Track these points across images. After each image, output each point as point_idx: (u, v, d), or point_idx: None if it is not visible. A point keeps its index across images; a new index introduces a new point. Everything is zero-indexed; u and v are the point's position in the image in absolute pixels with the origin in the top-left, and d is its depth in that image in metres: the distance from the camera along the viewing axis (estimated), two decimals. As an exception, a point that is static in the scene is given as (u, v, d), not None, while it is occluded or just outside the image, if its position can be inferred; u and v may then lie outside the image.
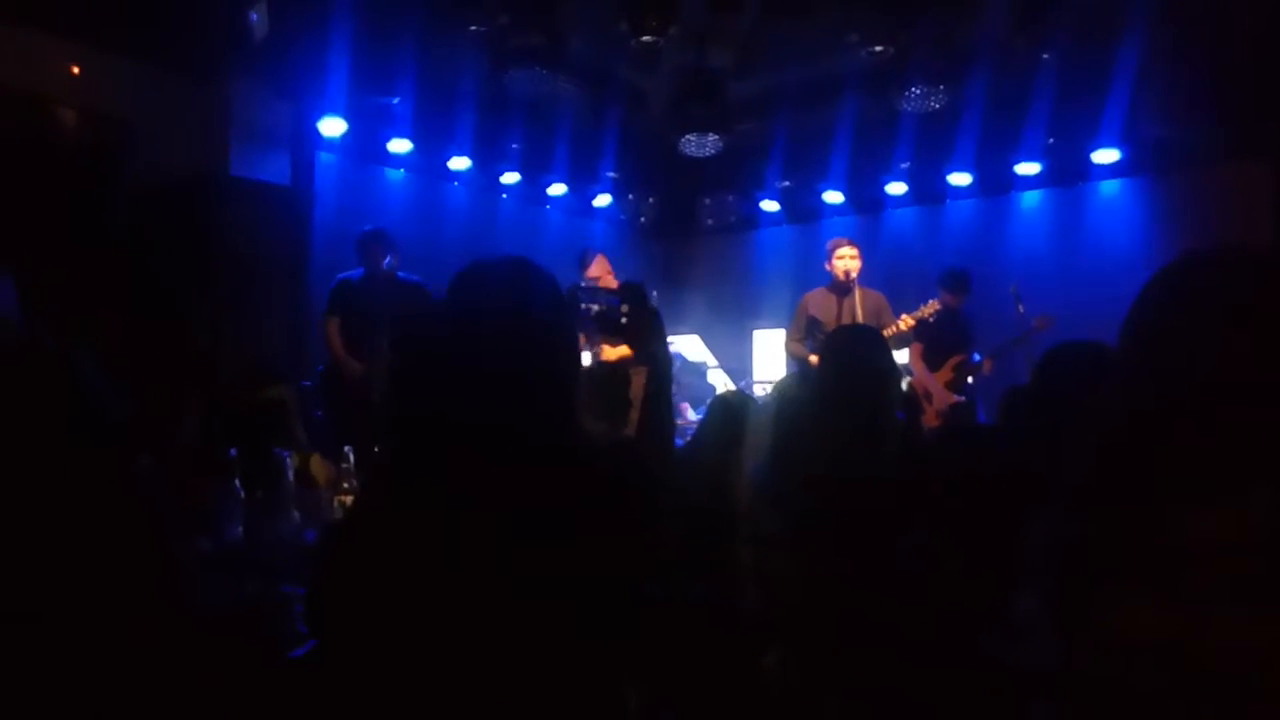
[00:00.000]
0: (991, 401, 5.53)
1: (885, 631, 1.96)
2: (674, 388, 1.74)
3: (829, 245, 5.58)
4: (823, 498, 2.08)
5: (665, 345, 1.59)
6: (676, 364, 6.75)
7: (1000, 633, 1.84)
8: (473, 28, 5.69)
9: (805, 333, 5.55)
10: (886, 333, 4.82)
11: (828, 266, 5.53)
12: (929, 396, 5.81)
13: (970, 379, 5.91)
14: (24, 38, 4.87)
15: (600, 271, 5.60)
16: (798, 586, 2.10)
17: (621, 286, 1.61)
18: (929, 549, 1.96)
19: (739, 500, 2.50)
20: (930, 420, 5.62)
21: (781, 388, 2.99)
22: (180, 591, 1.66)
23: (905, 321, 5.35)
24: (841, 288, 5.44)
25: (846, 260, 5.41)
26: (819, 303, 5.55)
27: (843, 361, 2.32)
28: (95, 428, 1.54)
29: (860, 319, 5.30)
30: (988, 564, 1.89)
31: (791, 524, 2.12)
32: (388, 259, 5.35)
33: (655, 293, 6.04)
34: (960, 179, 7.66)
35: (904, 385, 4.20)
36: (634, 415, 3.08)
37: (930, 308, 5.47)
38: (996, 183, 7.68)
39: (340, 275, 5.40)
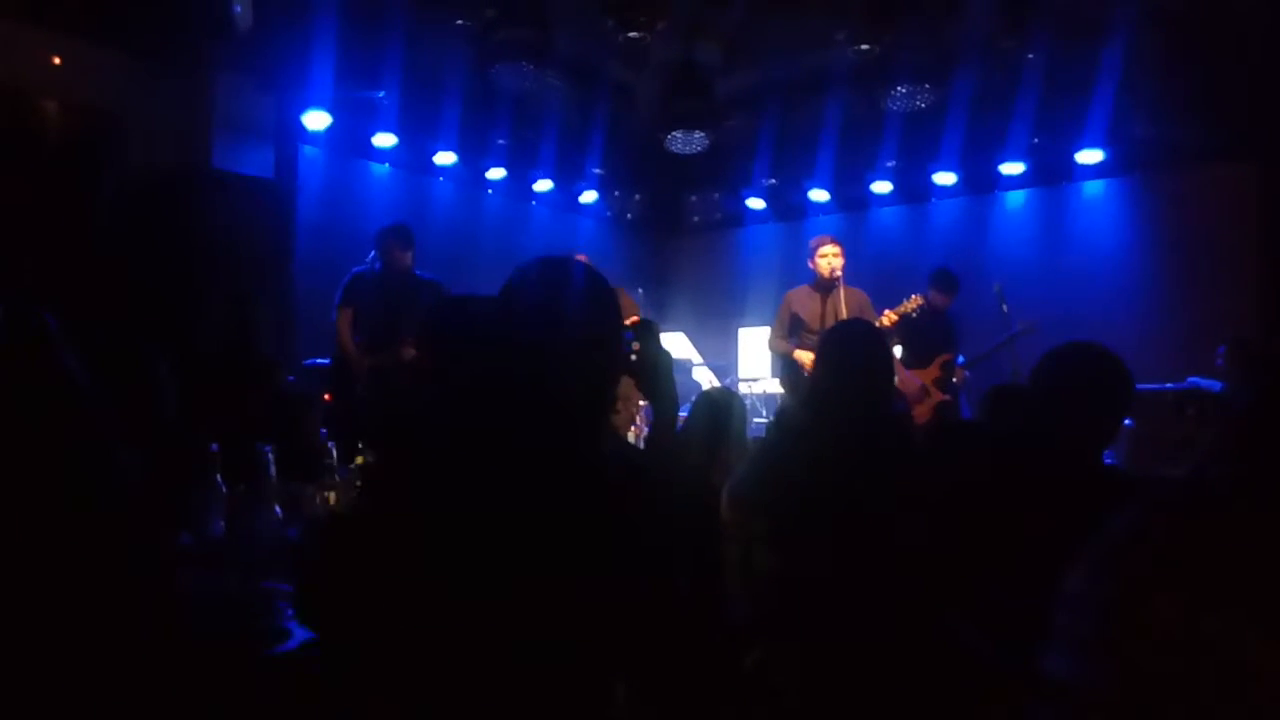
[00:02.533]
0: (976, 400, 5.56)
1: (872, 631, 1.96)
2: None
3: (812, 243, 5.59)
4: (815, 496, 2.07)
5: (673, 385, 1.59)
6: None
7: (989, 631, 1.85)
8: (459, 22, 5.67)
9: (788, 330, 5.56)
10: None
11: (810, 264, 5.53)
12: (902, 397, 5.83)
13: (955, 379, 5.94)
14: (4, 29, 4.81)
15: None
16: (785, 585, 2.10)
17: (636, 324, 1.60)
18: (919, 547, 1.97)
19: (723, 497, 2.50)
20: (920, 417, 5.65)
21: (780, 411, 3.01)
22: (160, 586, 1.65)
23: (888, 317, 5.36)
24: (825, 285, 5.44)
25: (830, 259, 5.41)
26: (802, 301, 5.55)
27: (839, 357, 2.32)
28: (77, 420, 1.52)
29: (844, 317, 5.31)
30: (977, 562, 1.90)
31: (781, 522, 2.12)
32: (385, 252, 5.31)
33: (641, 290, 6.04)
34: (945, 178, 7.70)
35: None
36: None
37: (912, 303, 5.48)
38: (981, 182, 7.73)
39: (355, 268, 5.35)
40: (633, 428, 5.89)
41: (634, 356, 1.57)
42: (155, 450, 2.22)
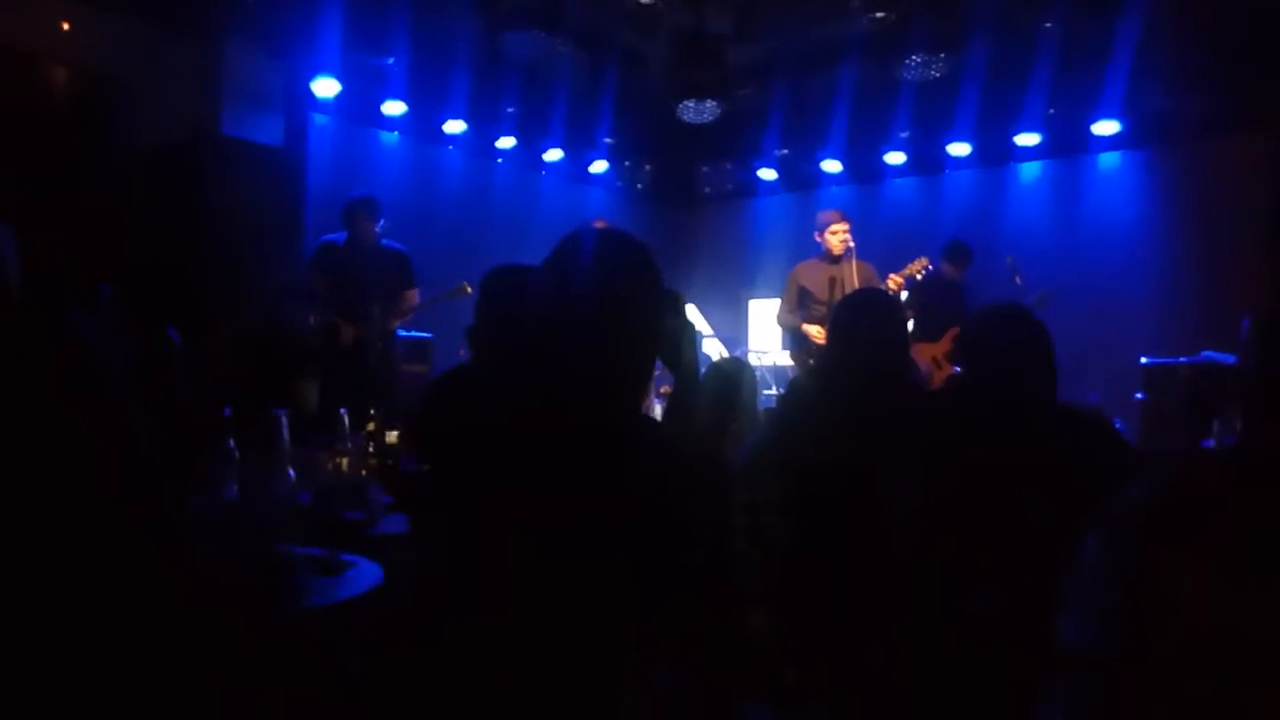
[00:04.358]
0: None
1: (884, 599, 1.97)
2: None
3: (820, 219, 5.56)
4: (826, 464, 2.08)
5: (695, 357, 1.60)
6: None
7: (993, 600, 1.85)
8: (470, -12, 5.62)
9: (796, 304, 5.55)
10: None
11: (818, 238, 5.52)
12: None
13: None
14: (13, -7, 4.79)
15: None
16: (796, 554, 2.11)
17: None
18: (928, 514, 1.97)
19: (735, 466, 2.50)
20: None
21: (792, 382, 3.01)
22: (175, 551, 1.66)
23: (894, 281, 5.34)
24: (833, 259, 5.44)
25: (841, 234, 5.40)
26: (810, 274, 5.54)
27: (852, 326, 2.31)
28: (93, 387, 1.52)
29: (852, 289, 5.29)
30: (984, 531, 1.90)
31: (792, 491, 2.12)
32: (381, 223, 5.32)
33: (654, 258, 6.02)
34: (959, 149, 7.62)
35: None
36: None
37: (918, 265, 5.45)
38: (996, 153, 7.65)
39: (323, 238, 5.38)
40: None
41: None
42: (169, 416, 2.23)
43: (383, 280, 5.26)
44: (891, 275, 5.36)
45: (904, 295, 5.43)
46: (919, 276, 5.45)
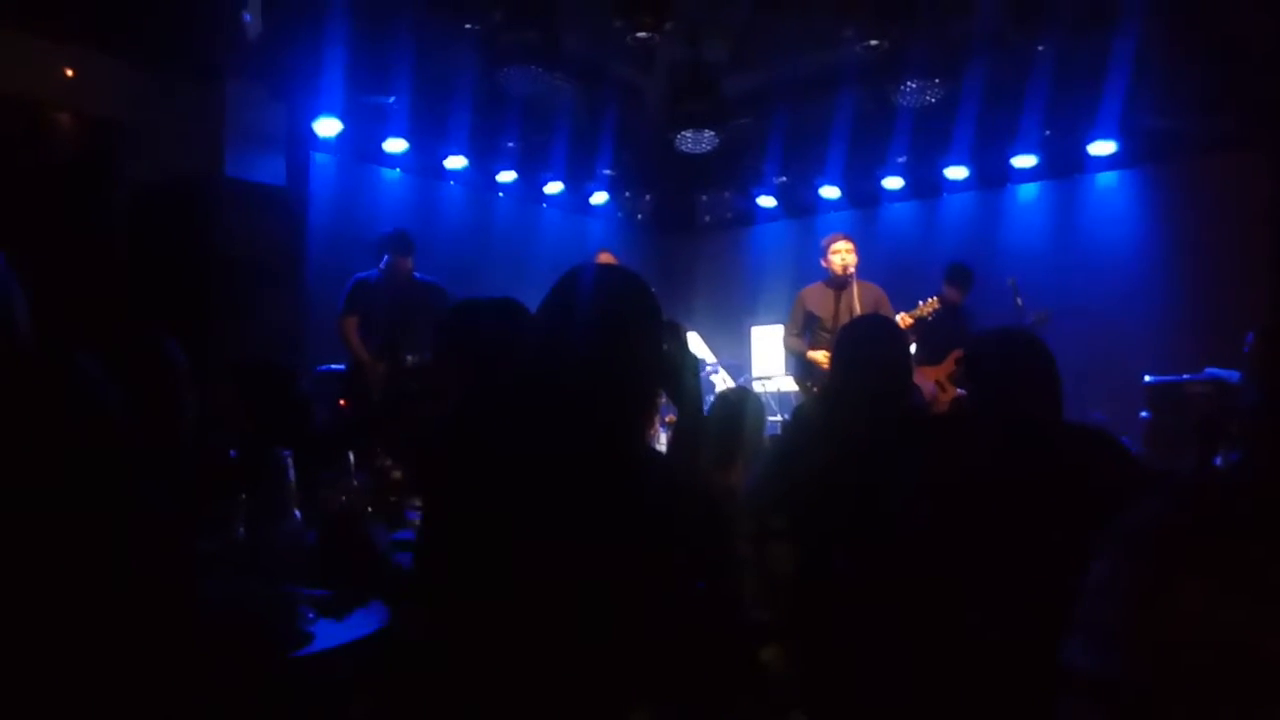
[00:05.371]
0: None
1: (887, 625, 1.96)
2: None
3: (824, 241, 5.59)
4: (832, 492, 2.07)
5: (698, 387, 1.61)
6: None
7: (1002, 624, 1.84)
8: (468, 26, 5.68)
9: (803, 328, 5.55)
10: None
11: (823, 263, 5.53)
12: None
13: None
14: (17, 41, 4.86)
15: None
16: (802, 582, 2.10)
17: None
18: (935, 540, 1.96)
19: (741, 496, 2.49)
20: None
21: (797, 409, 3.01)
22: (181, 592, 1.65)
23: (904, 320, 5.34)
24: (838, 282, 5.44)
25: (843, 254, 5.41)
26: (816, 298, 5.54)
27: (855, 353, 2.32)
28: (99, 431, 1.53)
29: (858, 313, 5.30)
30: (992, 555, 1.89)
31: (798, 519, 2.11)
32: (385, 259, 5.34)
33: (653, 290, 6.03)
34: (957, 172, 7.66)
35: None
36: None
37: (929, 305, 5.45)
38: (993, 176, 7.68)
39: (357, 275, 5.39)
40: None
41: None
42: (175, 456, 2.23)
43: (417, 314, 5.25)
44: (902, 314, 5.35)
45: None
46: (929, 318, 5.42)
